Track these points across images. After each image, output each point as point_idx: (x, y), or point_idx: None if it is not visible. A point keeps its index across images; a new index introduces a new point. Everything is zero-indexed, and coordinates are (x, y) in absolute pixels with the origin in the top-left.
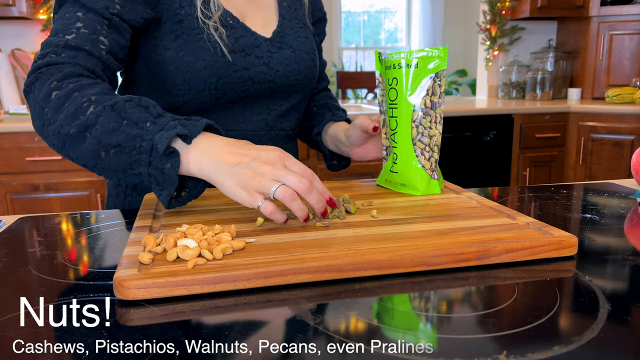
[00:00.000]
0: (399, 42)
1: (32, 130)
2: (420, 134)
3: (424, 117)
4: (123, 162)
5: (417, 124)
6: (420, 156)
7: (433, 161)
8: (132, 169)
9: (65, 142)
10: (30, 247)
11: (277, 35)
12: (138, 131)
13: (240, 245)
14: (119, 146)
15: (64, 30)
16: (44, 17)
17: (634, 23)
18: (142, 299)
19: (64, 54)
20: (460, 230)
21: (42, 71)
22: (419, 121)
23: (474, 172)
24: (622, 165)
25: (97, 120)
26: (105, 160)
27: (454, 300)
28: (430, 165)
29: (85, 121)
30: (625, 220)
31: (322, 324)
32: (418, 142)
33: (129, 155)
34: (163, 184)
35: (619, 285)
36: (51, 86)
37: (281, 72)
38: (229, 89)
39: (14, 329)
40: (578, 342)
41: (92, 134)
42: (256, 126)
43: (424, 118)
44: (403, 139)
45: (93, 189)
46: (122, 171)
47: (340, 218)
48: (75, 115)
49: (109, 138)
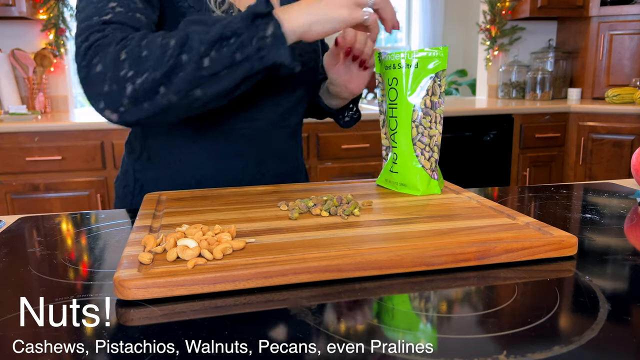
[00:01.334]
0: (399, 42)
1: (32, 130)
2: (420, 134)
3: (424, 117)
4: (227, 55)
5: (417, 124)
6: (420, 156)
7: (433, 161)
8: (241, 53)
9: (162, 83)
10: (30, 247)
11: None
12: (225, 23)
13: (240, 245)
14: (218, 41)
15: (98, 13)
16: (44, 17)
17: (634, 23)
18: (142, 299)
19: (107, 29)
20: (460, 230)
21: (94, 47)
22: (419, 121)
23: (474, 172)
24: (622, 165)
25: (185, 41)
26: (210, 67)
27: (454, 300)
28: (430, 165)
29: (174, 48)
30: (625, 220)
31: (322, 324)
32: (418, 142)
33: (230, 46)
34: (277, 46)
35: (619, 285)
36: (116, 49)
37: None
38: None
39: (14, 329)
40: (578, 342)
41: (188, 51)
42: (265, 122)
43: (424, 118)
44: (403, 139)
45: (93, 189)
46: (231, 66)
47: (355, 214)
48: (162, 52)
49: (204, 43)
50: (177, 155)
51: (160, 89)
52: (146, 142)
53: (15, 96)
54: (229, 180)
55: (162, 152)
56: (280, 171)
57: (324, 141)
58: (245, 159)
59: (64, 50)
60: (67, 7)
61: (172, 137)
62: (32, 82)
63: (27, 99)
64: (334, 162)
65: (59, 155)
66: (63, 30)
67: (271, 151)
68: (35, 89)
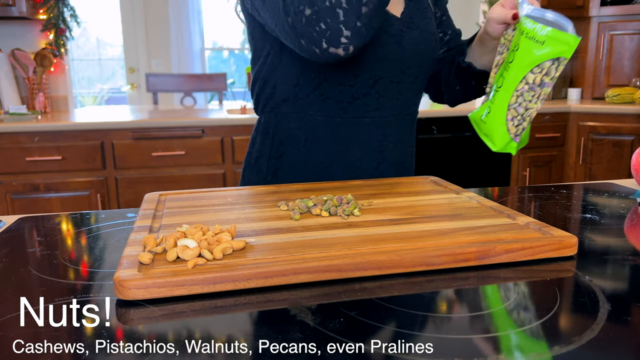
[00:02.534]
0: None
1: (32, 130)
2: (518, 104)
3: (529, 90)
4: None
5: (519, 93)
6: (510, 122)
7: (520, 129)
8: None
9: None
10: (30, 247)
11: (406, 16)
12: None
13: (240, 245)
14: None
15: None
16: (44, 17)
17: (634, 23)
18: (142, 299)
19: None
20: (460, 230)
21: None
22: (521, 92)
23: (474, 172)
24: (622, 165)
25: None
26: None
27: (454, 300)
28: (516, 131)
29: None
30: (625, 220)
31: (322, 324)
32: (512, 109)
33: None
34: None
35: (619, 285)
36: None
37: (410, 52)
38: (364, 67)
39: (14, 329)
40: (578, 342)
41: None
42: (388, 112)
43: (527, 92)
44: (501, 100)
45: (93, 189)
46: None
47: (355, 214)
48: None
49: None
50: (309, 141)
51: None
52: (280, 127)
53: (15, 96)
54: (351, 164)
55: (295, 137)
56: (399, 157)
57: None
58: (370, 145)
59: (64, 50)
60: (67, 7)
61: (305, 122)
62: (32, 82)
63: (27, 99)
64: None
65: (59, 155)
66: (63, 30)
67: (393, 138)
68: (35, 89)
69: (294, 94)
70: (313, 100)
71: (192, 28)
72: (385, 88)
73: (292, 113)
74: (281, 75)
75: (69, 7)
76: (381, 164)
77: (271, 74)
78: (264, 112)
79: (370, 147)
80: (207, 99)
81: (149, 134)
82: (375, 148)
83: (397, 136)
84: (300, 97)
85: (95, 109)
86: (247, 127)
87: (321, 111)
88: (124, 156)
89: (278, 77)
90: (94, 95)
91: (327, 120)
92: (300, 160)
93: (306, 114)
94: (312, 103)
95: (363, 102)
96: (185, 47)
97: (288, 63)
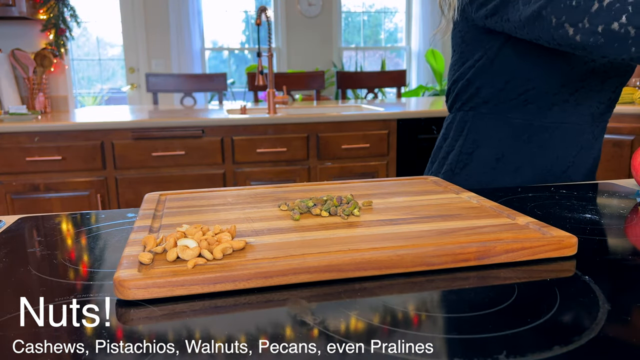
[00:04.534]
0: (399, 42)
1: (32, 130)
2: None
3: None
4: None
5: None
6: None
7: None
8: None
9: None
10: (30, 247)
11: None
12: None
13: (240, 245)
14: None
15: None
16: (44, 17)
17: None
18: (142, 299)
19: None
20: (460, 230)
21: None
22: None
23: None
24: (622, 165)
25: None
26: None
27: (454, 300)
28: None
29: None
30: (625, 220)
31: (322, 324)
32: None
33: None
34: None
35: (619, 285)
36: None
37: (616, 64)
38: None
39: (14, 329)
40: (578, 342)
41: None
42: (584, 119)
43: None
44: None
45: (93, 189)
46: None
47: (355, 214)
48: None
49: None
50: (504, 142)
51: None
52: (476, 126)
53: (15, 96)
54: (542, 166)
55: (490, 137)
56: (586, 162)
57: (324, 141)
58: (563, 150)
59: (64, 50)
60: (67, 7)
61: (502, 124)
62: (32, 82)
63: (27, 99)
64: (334, 162)
65: (59, 155)
66: (63, 30)
67: (585, 144)
68: (35, 89)
69: (498, 97)
70: (515, 105)
71: (192, 28)
72: (584, 97)
73: (490, 114)
74: (488, 78)
75: (69, 7)
76: (570, 167)
77: (477, 76)
78: (461, 110)
79: (563, 152)
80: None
81: (149, 134)
82: (568, 153)
83: (588, 142)
84: (503, 100)
85: (95, 109)
86: (247, 127)
87: (521, 115)
88: (124, 156)
89: (485, 80)
90: (94, 95)
91: (525, 124)
92: (492, 159)
93: (505, 116)
94: (514, 107)
95: (561, 108)
96: (185, 47)
97: (499, 69)
